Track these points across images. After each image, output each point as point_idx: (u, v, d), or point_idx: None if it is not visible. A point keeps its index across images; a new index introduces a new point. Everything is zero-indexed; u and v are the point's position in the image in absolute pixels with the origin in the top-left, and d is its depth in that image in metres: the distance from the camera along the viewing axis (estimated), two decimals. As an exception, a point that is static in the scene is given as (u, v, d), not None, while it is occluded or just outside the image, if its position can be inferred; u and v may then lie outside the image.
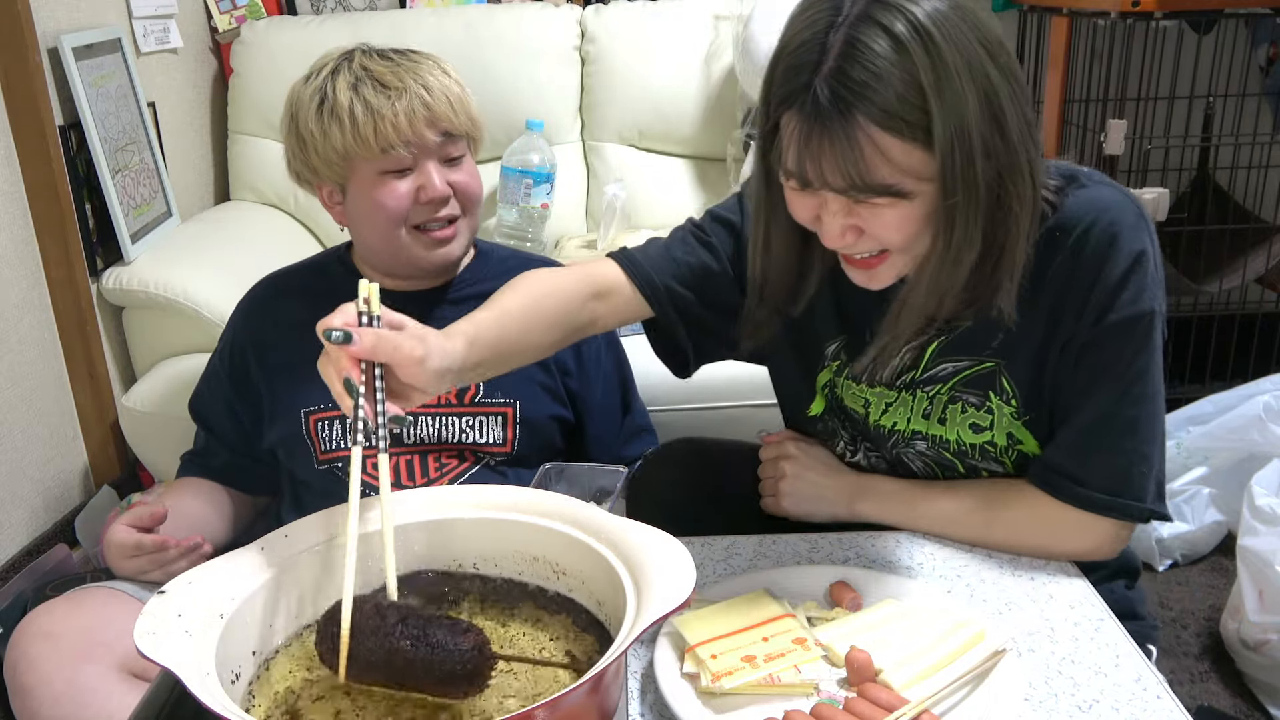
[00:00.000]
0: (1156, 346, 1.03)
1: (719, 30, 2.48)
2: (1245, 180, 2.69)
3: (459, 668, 0.75)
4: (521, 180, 2.31)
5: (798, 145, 0.92)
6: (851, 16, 0.88)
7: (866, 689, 0.86)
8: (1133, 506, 1.05)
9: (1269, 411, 2.03)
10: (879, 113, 0.87)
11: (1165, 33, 2.50)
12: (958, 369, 1.09)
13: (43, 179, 1.96)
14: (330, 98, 1.28)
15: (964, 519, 1.11)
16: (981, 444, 1.10)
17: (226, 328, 1.46)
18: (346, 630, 0.77)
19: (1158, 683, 0.90)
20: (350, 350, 0.83)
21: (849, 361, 1.14)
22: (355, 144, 1.27)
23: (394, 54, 1.33)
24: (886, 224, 0.94)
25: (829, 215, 0.96)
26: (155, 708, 0.88)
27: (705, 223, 1.20)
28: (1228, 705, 1.76)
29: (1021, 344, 1.05)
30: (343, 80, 1.28)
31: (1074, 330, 1.03)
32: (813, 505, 1.17)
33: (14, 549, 1.90)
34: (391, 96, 1.27)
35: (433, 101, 1.28)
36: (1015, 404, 1.08)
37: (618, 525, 0.87)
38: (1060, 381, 1.06)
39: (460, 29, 2.51)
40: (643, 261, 1.15)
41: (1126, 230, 1.01)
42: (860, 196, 0.92)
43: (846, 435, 1.19)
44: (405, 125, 1.27)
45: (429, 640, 0.75)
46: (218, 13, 2.62)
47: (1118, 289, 1.00)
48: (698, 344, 1.20)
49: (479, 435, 1.32)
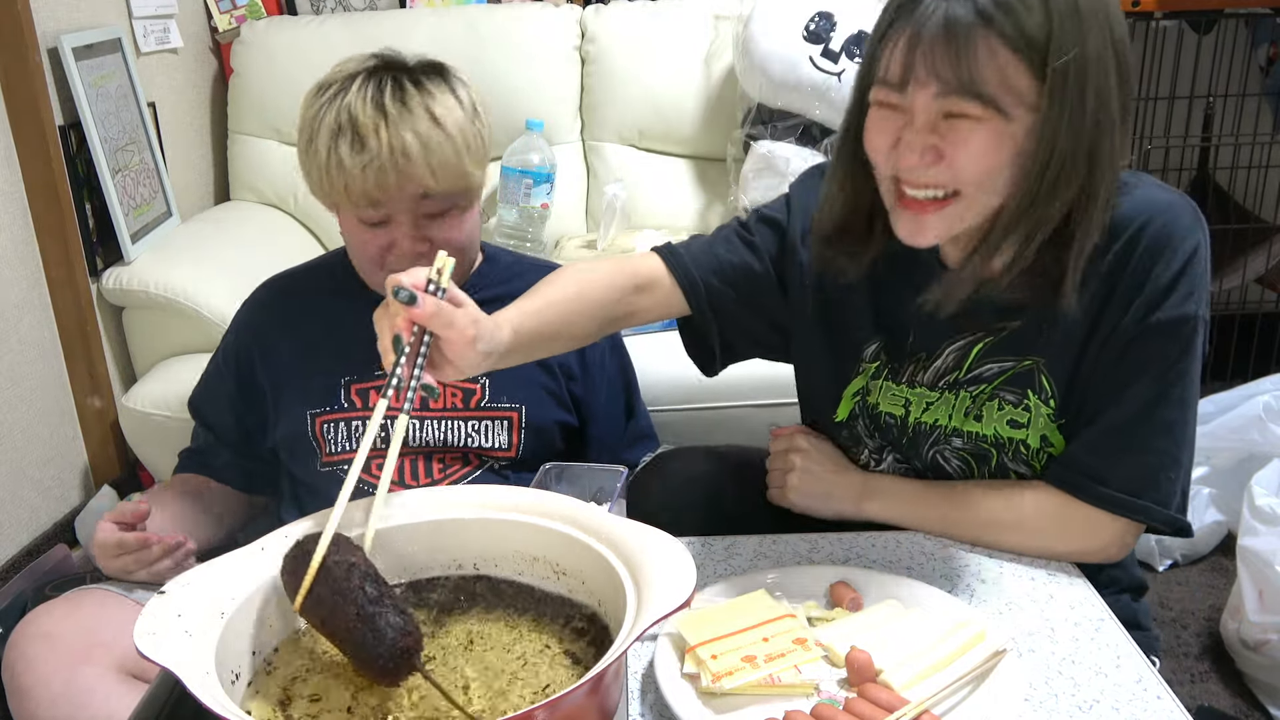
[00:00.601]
0: (1198, 355, 1.02)
1: (719, 30, 2.48)
2: (1245, 180, 2.69)
3: (379, 661, 0.77)
4: (521, 180, 2.31)
5: (907, 46, 0.92)
6: None
7: (867, 689, 0.86)
8: (1155, 510, 1.04)
9: (1269, 411, 2.03)
10: (1004, 22, 0.88)
11: (1165, 33, 2.50)
12: (1002, 369, 1.08)
13: (43, 179, 1.96)
14: (313, 138, 1.25)
15: (971, 519, 1.10)
16: (1017, 441, 1.08)
17: (230, 329, 1.45)
18: (316, 566, 0.79)
19: (1158, 683, 0.90)
20: (410, 311, 0.86)
21: (889, 363, 1.14)
22: (330, 192, 1.25)
23: (391, 96, 1.23)
24: (971, 149, 0.93)
25: (912, 132, 0.94)
26: (155, 708, 0.88)
27: (751, 222, 1.20)
28: (1228, 705, 1.76)
29: (1064, 341, 1.04)
30: (327, 124, 1.23)
31: (1118, 325, 1.02)
32: (819, 501, 1.16)
33: (14, 549, 1.90)
34: (365, 155, 1.20)
35: (407, 165, 1.21)
36: (1053, 404, 1.07)
37: (618, 525, 0.87)
38: (1097, 378, 1.04)
39: (460, 29, 2.51)
40: (684, 256, 1.16)
41: (1182, 230, 1.00)
42: (959, 101, 0.91)
43: (872, 444, 1.18)
44: (374, 188, 1.21)
45: (373, 623, 0.77)
46: (218, 13, 2.62)
47: (1169, 287, 1.00)
48: (729, 342, 1.21)
49: (484, 440, 1.32)
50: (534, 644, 0.86)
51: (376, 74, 1.26)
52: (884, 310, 1.15)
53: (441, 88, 1.27)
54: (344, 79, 1.27)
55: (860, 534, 1.15)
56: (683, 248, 1.18)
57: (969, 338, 1.09)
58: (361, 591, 0.78)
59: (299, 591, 0.79)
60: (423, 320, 0.86)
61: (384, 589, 0.80)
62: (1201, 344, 1.02)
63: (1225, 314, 2.65)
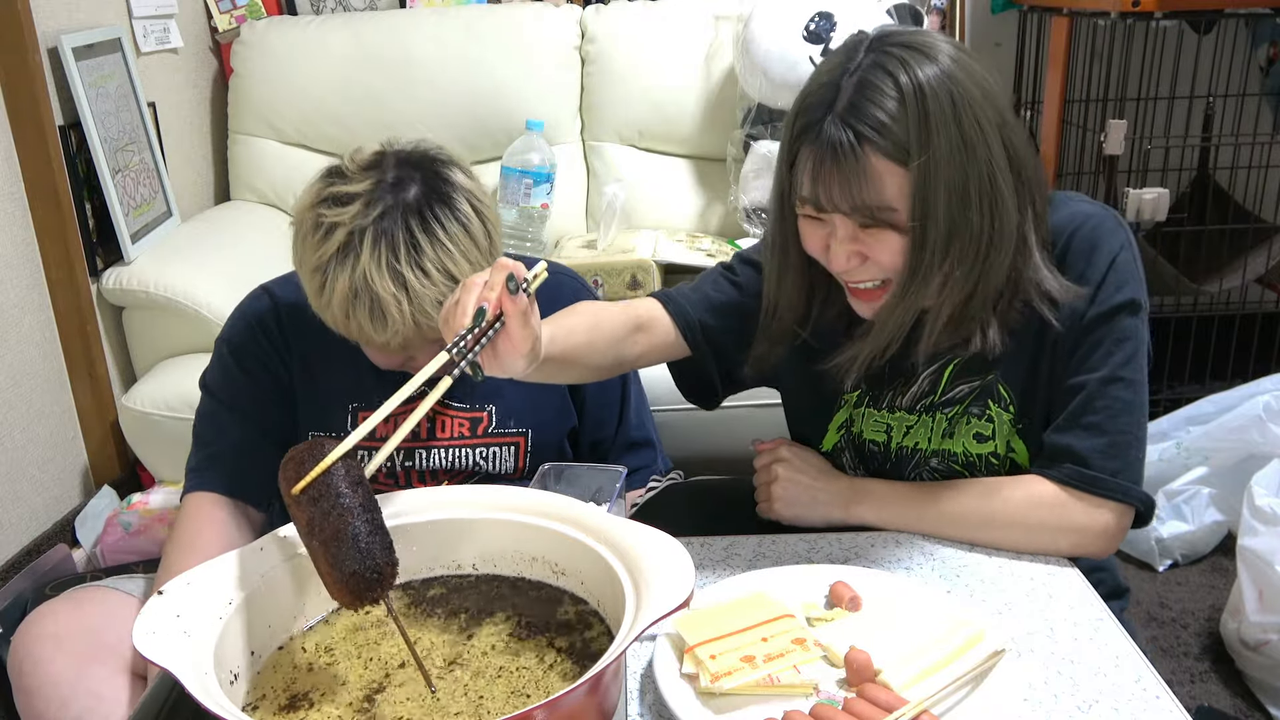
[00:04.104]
0: (1143, 339, 1.10)
1: (719, 30, 2.48)
2: (1245, 180, 2.69)
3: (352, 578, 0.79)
4: (521, 180, 2.31)
5: (812, 172, 1.03)
6: (864, 65, 1.01)
7: (866, 689, 0.86)
8: (1131, 489, 1.08)
9: (1269, 411, 2.03)
10: (881, 142, 0.98)
11: (1165, 33, 2.50)
12: (971, 389, 1.15)
13: (43, 179, 1.96)
14: (327, 293, 1.16)
15: (964, 516, 1.12)
16: (986, 455, 1.14)
17: (227, 340, 1.36)
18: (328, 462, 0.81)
19: (1157, 683, 0.90)
20: (506, 297, 0.88)
21: (869, 390, 1.19)
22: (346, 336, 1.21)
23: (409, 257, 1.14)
24: (889, 249, 1.03)
25: (836, 242, 1.05)
26: (155, 708, 0.89)
27: (734, 264, 1.28)
28: (1228, 705, 1.76)
29: (1016, 350, 1.11)
30: (341, 288, 1.15)
31: (1062, 325, 1.09)
32: (806, 509, 1.18)
33: (14, 549, 1.90)
34: (389, 329, 1.15)
35: (430, 325, 1.16)
36: (1013, 410, 1.13)
37: (617, 525, 0.87)
38: (1054, 375, 1.11)
39: (460, 29, 2.51)
40: (678, 298, 1.24)
41: (1105, 233, 1.10)
42: (863, 219, 1.02)
43: (860, 473, 1.22)
44: (396, 350, 1.21)
45: (359, 541, 0.79)
46: (218, 13, 2.62)
47: (1101, 282, 1.09)
48: (725, 374, 1.27)
49: (492, 465, 1.32)
50: (533, 644, 0.86)
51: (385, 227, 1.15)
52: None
53: (450, 222, 1.17)
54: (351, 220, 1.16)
55: (859, 534, 1.15)
56: (676, 292, 1.25)
57: (941, 361, 1.15)
58: (361, 508, 0.80)
59: (301, 478, 0.80)
60: (511, 311, 0.89)
61: (379, 517, 0.82)
62: (1144, 327, 1.11)
63: (1225, 314, 2.65)
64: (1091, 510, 1.08)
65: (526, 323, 0.90)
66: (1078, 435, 1.09)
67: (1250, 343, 2.55)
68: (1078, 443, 1.09)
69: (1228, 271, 2.51)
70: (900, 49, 1.00)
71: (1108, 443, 1.08)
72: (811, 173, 1.03)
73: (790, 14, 2.25)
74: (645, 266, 2.13)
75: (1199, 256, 2.52)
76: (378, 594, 0.80)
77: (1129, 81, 2.40)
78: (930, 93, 0.98)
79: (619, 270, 2.13)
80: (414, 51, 2.49)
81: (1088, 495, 1.08)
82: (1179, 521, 2.12)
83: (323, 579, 0.81)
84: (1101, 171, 2.41)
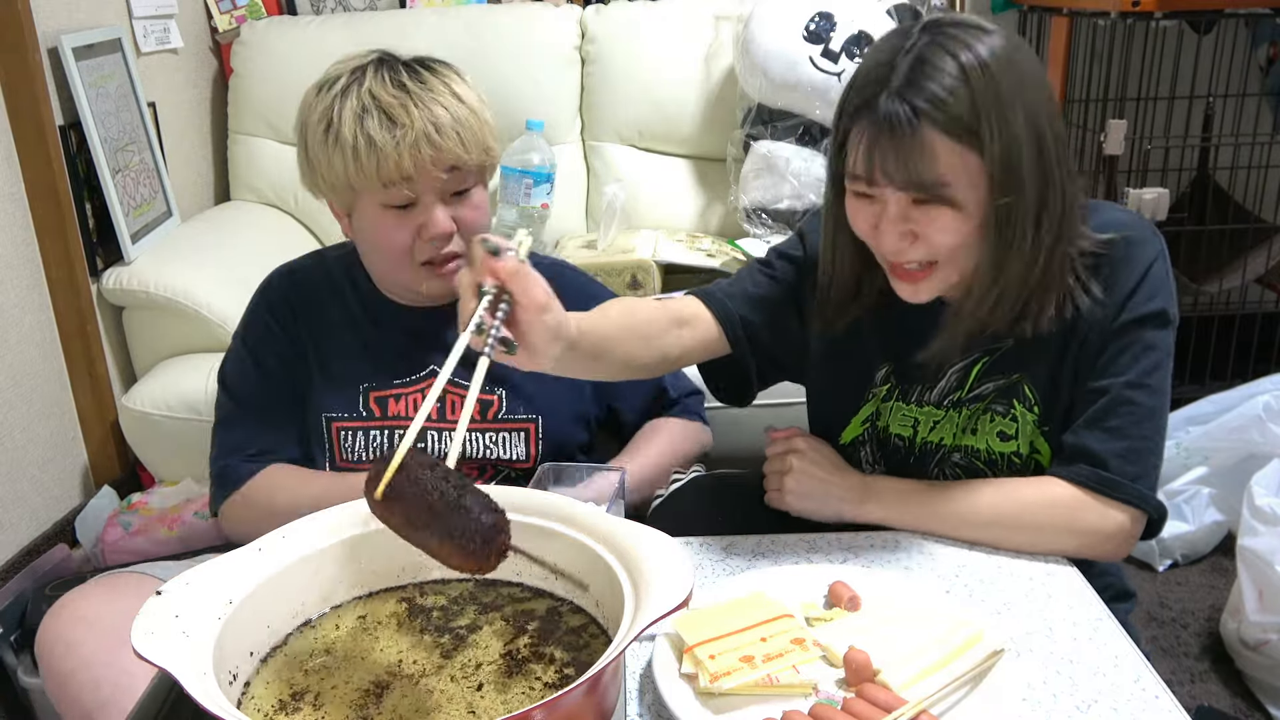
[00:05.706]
0: (1169, 352, 1.11)
1: (719, 30, 2.48)
2: (1245, 180, 2.69)
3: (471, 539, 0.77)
4: (521, 180, 2.31)
5: (866, 148, 1.02)
6: (920, 44, 1.01)
7: (865, 689, 0.86)
8: (1148, 495, 1.08)
9: (1269, 411, 2.03)
10: (939, 116, 0.98)
11: (1165, 33, 2.51)
12: (997, 387, 1.15)
13: (43, 179, 1.96)
14: (335, 124, 1.24)
15: (976, 515, 1.11)
16: (1009, 454, 1.15)
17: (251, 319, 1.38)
18: (400, 457, 0.79)
19: (1156, 682, 0.90)
20: (493, 262, 0.87)
21: (898, 384, 1.20)
22: (358, 175, 1.23)
23: (408, 77, 1.26)
24: (940, 228, 1.03)
25: (886, 222, 1.04)
26: (155, 708, 0.89)
27: (770, 258, 1.28)
28: (1228, 705, 1.76)
29: (1043, 352, 1.12)
30: (350, 108, 1.23)
31: (1092, 330, 1.10)
32: (819, 503, 1.16)
33: (14, 549, 1.90)
34: (397, 133, 1.21)
35: (440, 139, 1.22)
36: (1037, 411, 1.13)
37: (616, 526, 0.87)
38: (1079, 378, 1.12)
39: (460, 29, 2.51)
40: (717, 293, 1.25)
41: (1141, 242, 1.11)
42: (917, 195, 1.01)
43: (879, 469, 1.23)
44: (409, 163, 1.21)
45: (460, 502, 0.78)
46: (218, 13, 2.62)
47: (1134, 290, 1.09)
48: (761, 368, 1.27)
49: (502, 451, 1.32)
50: (532, 644, 0.86)
51: (386, 63, 1.28)
52: (891, 335, 1.19)
53: (449, 72, 1.30)
54: (351, 70, 1.27)
55: (859, 534, 1.15)
56: (714, 288, 1.26)
57: (970, 358, 1.15)
58: (445, 479, 0.79)
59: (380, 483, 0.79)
60: (504, 275, 0.87)
61: (467, 481, 0.80)
62: (1171, 338, 1.12)
63: (1225, 314, 2.65)
64: (1105, 513, 1.08)
65: (528, 285, 0.88)
66: (1097, 437, 1.09)
67: (1250, 343, 2.55)
68: (1097, 445, 1.08)
69: (1228, 271, 2.51)
70: (958, 29, 1.01)
71: (1127, 447, 1.08)
72: (866, 148, 1.02)
73: (790, 14, 2.25)
74: (645, 267, 2.13)
75: (1199, 256, 2.53)
76: (503, 540, 0.79)
77: (1129, 81, 2.41)
78: (998, 69, 0.99)
79: (619, 270, 2.14)
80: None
81: (1103, 498, 1.07)
82: (1179, 521, 2.12)
83: (444, 560, 0.80)
84: (1101, 171, 2.41)
